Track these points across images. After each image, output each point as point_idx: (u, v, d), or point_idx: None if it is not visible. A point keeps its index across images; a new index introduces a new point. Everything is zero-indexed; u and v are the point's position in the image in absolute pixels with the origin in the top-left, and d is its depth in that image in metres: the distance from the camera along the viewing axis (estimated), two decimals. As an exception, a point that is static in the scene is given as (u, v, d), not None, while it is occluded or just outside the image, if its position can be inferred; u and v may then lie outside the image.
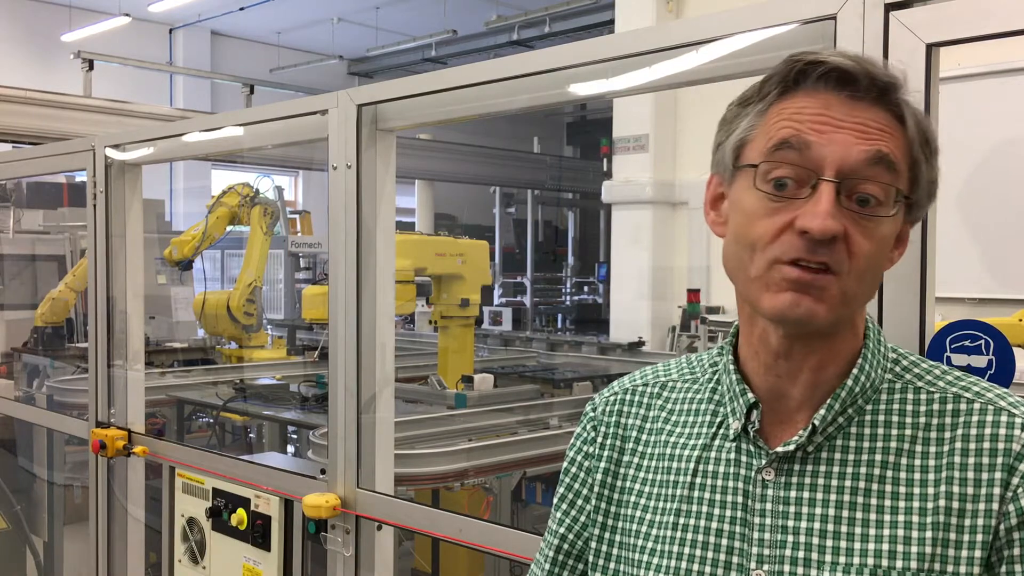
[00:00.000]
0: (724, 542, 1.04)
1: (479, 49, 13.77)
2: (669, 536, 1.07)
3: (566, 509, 1.19)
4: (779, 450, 1.03)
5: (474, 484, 3.58)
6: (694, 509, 1.07)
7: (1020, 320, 3.49)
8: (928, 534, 0.97)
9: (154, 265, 6.50)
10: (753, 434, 1.05)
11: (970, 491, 0.97)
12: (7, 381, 5.28)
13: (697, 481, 1.08)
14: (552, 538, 1.20)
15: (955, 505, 0.97)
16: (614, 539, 1.13)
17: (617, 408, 1.19)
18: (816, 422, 1.01)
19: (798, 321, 0.98)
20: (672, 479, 1.10)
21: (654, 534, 1.09)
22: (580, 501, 1.18)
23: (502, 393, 4.69)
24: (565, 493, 1.20)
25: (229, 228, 5.98)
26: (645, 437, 1.15)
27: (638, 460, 1.14)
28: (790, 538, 1.01)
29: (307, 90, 10.85)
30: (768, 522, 1.02)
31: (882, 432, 1.02)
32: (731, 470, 1.06)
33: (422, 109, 2.15)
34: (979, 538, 0.96)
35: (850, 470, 1.01)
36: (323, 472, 2.25)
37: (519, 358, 6.67)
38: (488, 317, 9.73)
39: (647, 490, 1.12)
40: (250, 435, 5.59)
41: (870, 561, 0.97)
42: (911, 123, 0.99)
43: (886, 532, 0.98)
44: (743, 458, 1.06)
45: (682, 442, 1.11)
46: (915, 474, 0.99)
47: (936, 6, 1.30)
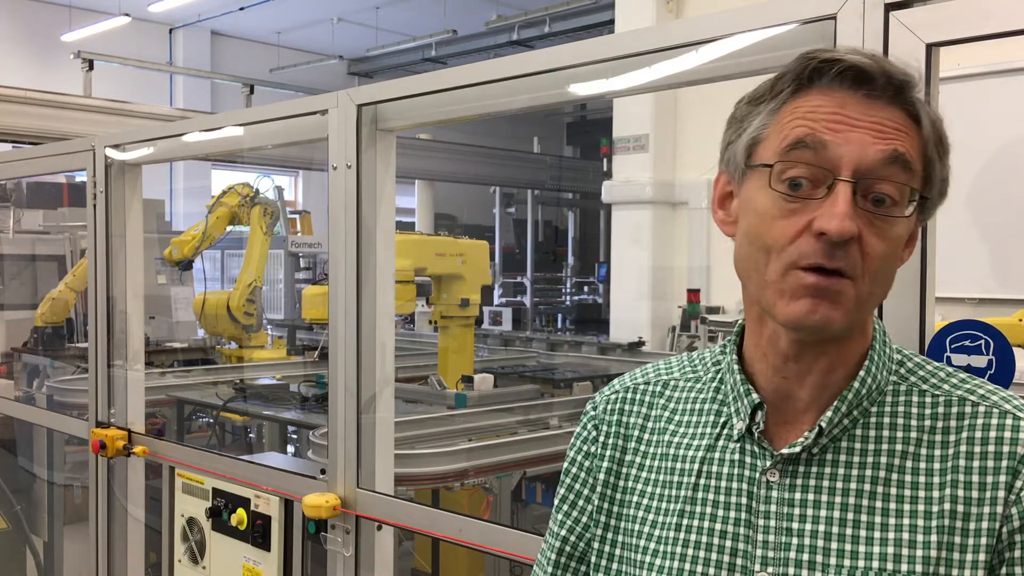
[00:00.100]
0: (728, 543, 1.03)
1: (479, 49, 13.77)
2: (672, 537, 1.06)
3: (567, 510, 1.18)
4: (784, 451, 1.02)
5: (474, 484, 3.58)
6: (698, 510, 1.06)
7: (1020, 320, 3.48)
8: (933, 537, 0.96)
9: (154, 265, 6.50)
10: (758, 435, 1.04)
11: (975, 494, 0.96)
12: (7, 381, 5.27)
13: (701, 482, 1.07)
14: (553, 540, 1.19)
15: (960, 509, 0.96)
16: (616, 539, 1.12)
17: (619, 407, 1.17)
18: (823, 424, 1.00)
19: (814, 328, 0.96)
20: (675, 479, 1.09)
21: (656, 534, 1.08)
22: (581, 502, 1.17)
23: (502, 393, 4.69)
24: (566, 494, 1.19)
25: (229, 228, 5.97)
26: (647, 436, 1.14)
27: (640, 459, 1.13)
28: (794, 540, 1.00)
29: (307, 90, 10.86)
30: (772, 524, 1.02)
31: (887, 435, 1.01)
32: (735, 471, 1.05)
33: (422, 109, 2.15)
34: (983, 541, 0.95)
35: (855, 472, 1.00)
36: (323, 472, 2.25)
37: (519, 358, 6.67)
38: (488, 317, 9.72)
39: (650, 490, 1.11)
40: (250, 435, 5.59)
41: (875, 564, 0.96)
42: (926, 122, 0.98)
43: (891, 535, 0.97)
44: (747, 459, 1.05)
45: (685, 442, 1.10)
46: (920, 477, 0.99)
47: (936, 6, 1.30)
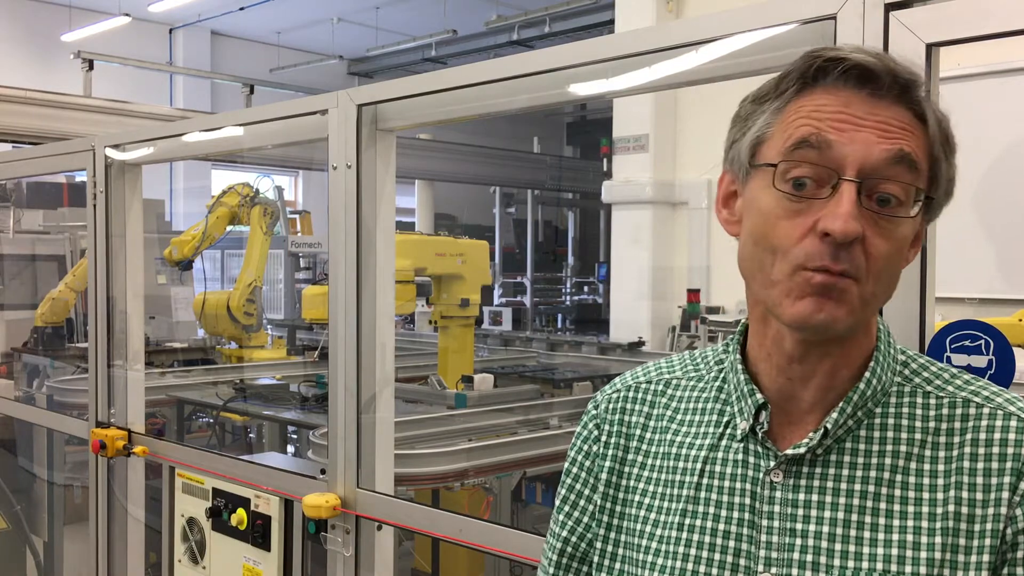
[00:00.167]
0: (731, 543, 1.03)
1: (479, 49, 13.77)
2: (675, 537, 1.06)
3: (568, 511, 1.18)
4: (789, 452, 1.01)
5: (474, 484, 3.58)
6: (700, 510, 1.05)
7: (1020, 320, 3.48)
8: (937, 539, 0.96)
9: (154, 265, 6.50)
10: (761, 435, 1.04)
11: (979, 496, 0.96)
12: (7, 381, 5.27)
13: (704, 481, 1.06)
14: (555, 541, 1.19)
15: (964, 511, 0.96)
16: (619, 539, 1.12)
17: (620, 406, 1.17)
18: (828, 425, 1.00)
19: (819, 327, 0.96)
20: (678, 479, 1.08)
21: (659, 534, 1.08)
22: (583, 502, 1.16)
23: (502, 393, 4.69)
24: (567, 494, 1.18)
25: (229, 228, 5.98)
26: (649, 435, 1.13)
27: (642, 459, 1.13)
28: (798, 541, 1.00)
29: (307, 90, 10.86)
30: (776, 524, 1.01)
31: (891, 436, 1.01)
32: (739, 471, 1.05)
33: (422, 109, 2.15)
34: (988, 543, 0.95)
35: (859, 473, 0.99)
36: (323, 472, 2.25)
37: (519, 358, 6.67)
38: (488, 317, 9.73)
39: (652, 489, 1.10)
40: (250, 435, 5.59)
41: (879, 566, 0.96)
42: (932, 121, 0.98)
43: (895, 537, 0.97)
44: (751, 459, 1.04)
45: (688, 441, 1.10)
46: (924, 479, 0.98)
47: (936, 6, 1.29)
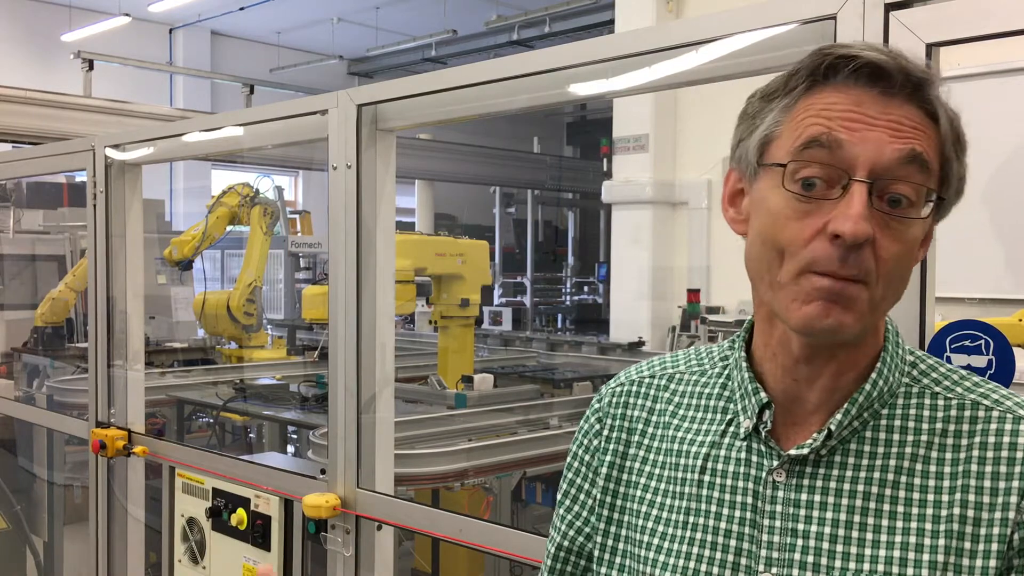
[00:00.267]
0: (732, 543, 1.02)
1: (479, 49, 13.77)
2: (679, 535, 1.06)
3: (568, 505, 1.18)
4: (792, 453, 1.01)
5: (474, 484, 3.58)
6: (703, 507, 1.05)
7: (1020, 320, 3.49)
8: (941, 542, 0.95)
9: (154, 265, 6.50)
10: (765, 434, 1.03)
11: (986, 500, 0.95)
12: (7, 381, 5.28)
13: (706, 479, 1.06)
14: (555, 534, 1.19)
15: (970, 514, 0.95)
16: (620, 533, 1.12)
17: (623, 400, 1.16)
18: (832, 427, 0.99)
19: (825, 333, 0.95)
20: (680, 476, 1.08)
21: (660, 530, 1.07)
22: (583, 496, 1.16)
23: (502, 393, 4.70)
24: (568, 488, 1.18)
25: (229, 228, 5.98)
26: (651, 431, 1.13)
27: (644, 454, 1.12)
28: (799, 542, 0.99)
29: (307, 90, 10.86)
30: (778, 524, 1.00)
31: (897, 438, 1.00)
32: (741, 469, 1.04)
33: (422, 109, 2.15)
34: (994, 548, 0.94)
35: (863, 474, 0.99)
36: (323, 472, 2.25)
37: (519, 358, 6.68)
38: (488, 317, 9.73)
39: (653, 485, 1.10)
40: (250, 435, 5.59)
41: (880, 568, 0.95)
42: (944, 120, 0.96)
43: (898, 539, 0.96)
44: (754, 458, 1.04)
45: (690, 437, 1.09)
46: (929, 480, 0.97)
47: (936, 6, 1.30)
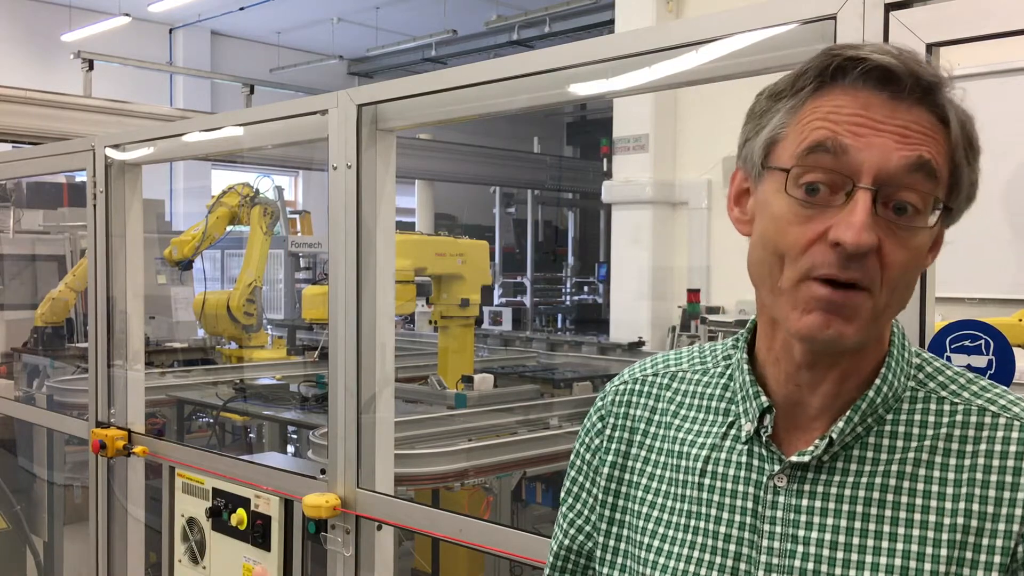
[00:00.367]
0: (732, 548, 1.01)
1: (479, 49, 13.77)
2: (679, 537, 1.05)
3: (571, 504, 1.17)
4: (793, 459, 0.99)
5: (474, 484, 3.58)
6: (703, 511, 1.04)
7: (1020, 320, 3.49)
8: (943, 551, 0.93)
9: (154, 265, 6.50)
10: (766, 439, 1.02)
11: (990, 509, 0.93)
12: (7, 381, 5.28)
13: (706, 482, 1.04)
14: (559, 533, 1.19)
15: (973, 523, 0.93)
16: (621, 533, 1.11)
17: (626, 399, 1.15)
18: (834, 435, 0.97)
19: (826, 343, 0.93)
20: (681, 477, 1.07)
21: (661, 532, 1.06)
22: (585, 495, 1.16)
23: (502, 393, 4.69)
24: (571, 487, 1.18)
25: (229, 228, 5.98)
26: (653, 430, 1.12)
27: (645, 453, 1.11)
28: (800, 548, 0.98)
29: (307, 90, 10.86)
30: (778, 530, 0.99)
31: (901, 444, 0.98)
32: (742, 473, 1.03)
33: (422, 109, 2.15)
34: (997, 559, 0.92)
35: (865, 480, 0.97)
36: (323, 472, 2.25)
37: (519, 358, 6.68)
38: (488, 317, 9.74)
39: (654, 485, 1.09)
40: (250, 435, 5.59)
41: None
42: (955, 125, 0.93)
43: (899, 547, 0.95)
44: (755, 462, 1.02)
45: (691, 439, 1.08)
46: (933, 487, 0.96)
47: (936, 6, 1.29)
